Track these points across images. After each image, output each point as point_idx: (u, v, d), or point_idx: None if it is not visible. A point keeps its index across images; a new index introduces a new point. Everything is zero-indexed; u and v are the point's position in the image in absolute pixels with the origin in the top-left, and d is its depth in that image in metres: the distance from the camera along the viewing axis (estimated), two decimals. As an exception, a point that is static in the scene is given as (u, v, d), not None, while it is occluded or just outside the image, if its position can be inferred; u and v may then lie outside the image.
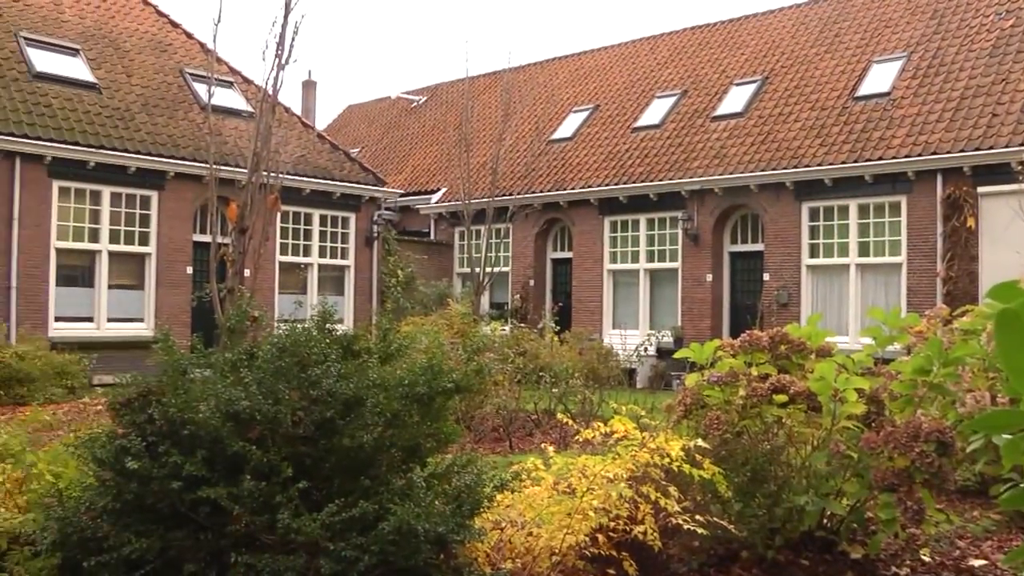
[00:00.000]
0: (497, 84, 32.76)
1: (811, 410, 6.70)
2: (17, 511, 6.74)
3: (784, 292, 23.70)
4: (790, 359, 7.41)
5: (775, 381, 6.83)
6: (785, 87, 26.14)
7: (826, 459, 6.58)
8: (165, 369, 5.95)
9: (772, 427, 7.02)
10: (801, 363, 7.34)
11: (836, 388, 6.42)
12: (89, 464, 5.89)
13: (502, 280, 29.85)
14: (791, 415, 6.80)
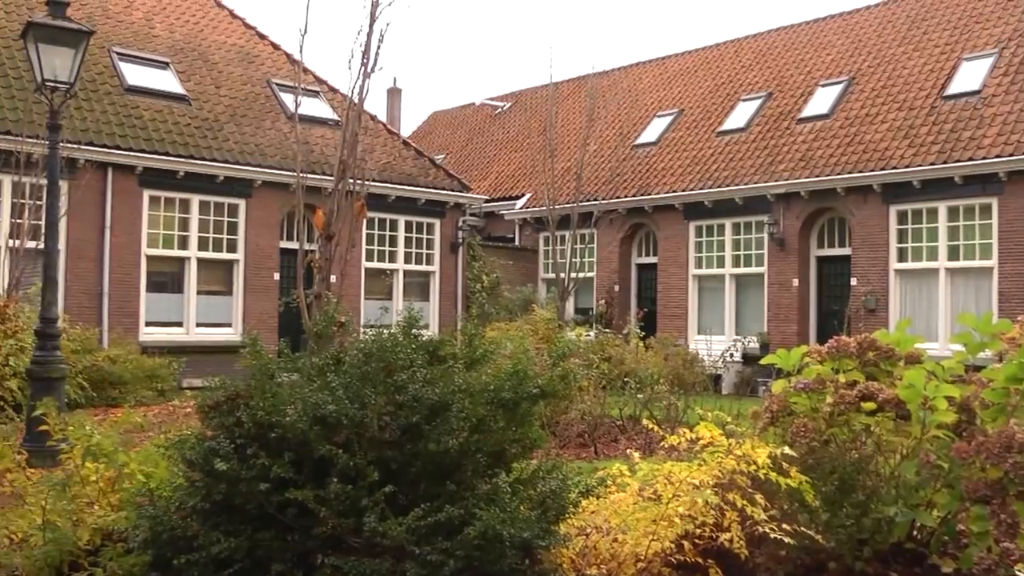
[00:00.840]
0: (581, 89, 32.75)
1: (900, 418, 6.59)
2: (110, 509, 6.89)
3: (872, 297, 23.36)
4: (878, 366, 7.30)
5: (863, 388, 6.73)
6: (872, 87, 25.79)
7: (916, 469, 6.46)
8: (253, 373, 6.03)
9: (860, 435, 6.92)
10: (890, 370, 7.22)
11: (926, 396, 6.31)
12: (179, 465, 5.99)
13: (587, 286, 29.83)
14: (879, 423, 6.69)
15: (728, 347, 22.12)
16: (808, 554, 6.50)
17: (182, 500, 5.78)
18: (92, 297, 20.94)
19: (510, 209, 33.10)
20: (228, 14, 28.27)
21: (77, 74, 11.12)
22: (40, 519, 6.92)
